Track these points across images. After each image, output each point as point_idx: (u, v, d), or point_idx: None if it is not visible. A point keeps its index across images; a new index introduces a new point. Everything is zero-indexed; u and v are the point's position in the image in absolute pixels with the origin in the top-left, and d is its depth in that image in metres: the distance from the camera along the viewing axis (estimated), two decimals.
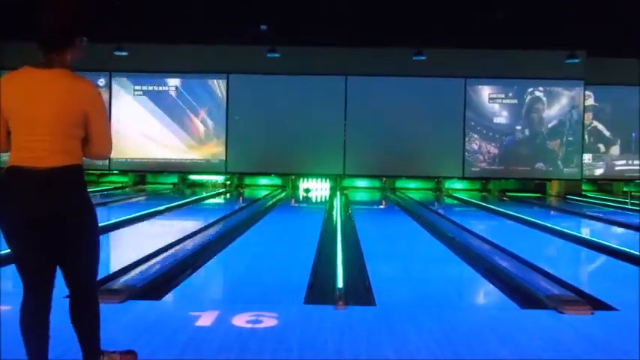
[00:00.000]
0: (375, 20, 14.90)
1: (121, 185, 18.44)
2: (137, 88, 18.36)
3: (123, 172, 18.71)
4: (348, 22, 15.14)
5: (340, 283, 5.56)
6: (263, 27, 15.97)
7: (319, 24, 15.61)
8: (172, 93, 18.43)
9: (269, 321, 4.39)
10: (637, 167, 18.92)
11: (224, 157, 18.37)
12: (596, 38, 16.23)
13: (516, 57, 17.80)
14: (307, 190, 18.40)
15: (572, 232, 9.76)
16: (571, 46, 17.06)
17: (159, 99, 18.43)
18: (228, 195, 17.22)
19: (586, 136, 18.66)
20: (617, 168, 19.00)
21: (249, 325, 4.28)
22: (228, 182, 18.86)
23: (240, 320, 4.38)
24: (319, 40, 16.84)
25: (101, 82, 18.11)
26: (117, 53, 17.41)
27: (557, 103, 18.47)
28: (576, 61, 17.57)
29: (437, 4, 13.63)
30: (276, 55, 17.41)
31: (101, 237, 3.17)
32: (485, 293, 5.93)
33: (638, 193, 17.85)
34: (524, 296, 5.44)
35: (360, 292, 5.53)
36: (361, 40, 16.85)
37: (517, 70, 18.05)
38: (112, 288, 4.99)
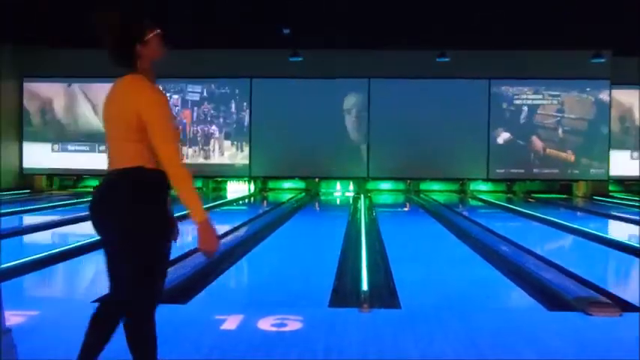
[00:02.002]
0: (397, 22, 14.87)
1: None
2: None
3: None
4: (370, 24, 15.13)
5: (365, 286, 5.54)
6: (286, 31, 16.01)
7: (341, 27, 15.61)
8: (196, 98, 18.55)
9: (294, 324, 4.39)
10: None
11: (248, 162, 18.44)
12: (621, 38, 16.08)
13: (540, 57, 17.64)
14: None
15: (598, 233, 9.64)
16: (596, 45, 16.89)
17: (182, 103, 18.56)
18: (252, 199, 17.28)
19: None
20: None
21: (274, 329, 4.29)
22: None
23: (265, 324, 4.39)
24: (342, 43, 16.85)
25: None
26: None
27: (583, 104, 18.29)
28: (602, 60, 17.40)
29: (459, 5, 13.57)
30: (299, 58, 17.45)
31: None
32: (511, 295, 5.88)
33: None
34: (550, 298, 5.39)
35: (384, 294, 5.51)
36: (384, 43, 16.82)
37: (541, 70, 17.91)
38: None
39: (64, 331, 4.15)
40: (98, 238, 2.87)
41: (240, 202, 16.59)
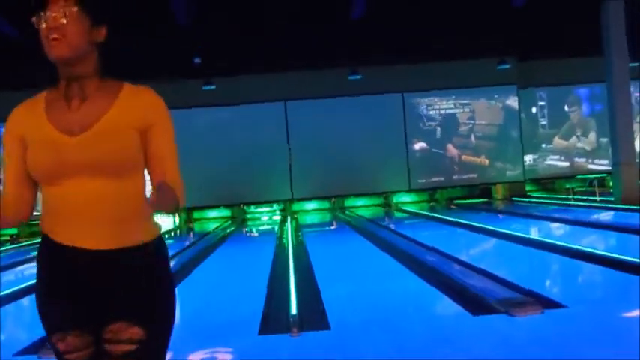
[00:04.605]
0: (308, 43, 15.01)
1: None
2: None
3: None
4: (280, 47, 15.24)
5: (294, 310, 5.54)
6: (197, 60, 15.95)
7: (251, 52, 15.69)
8: None
9: (224, 356, 4.34)
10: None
11: None
12: (526, 42, 16.76)
13: (449, 68, 18.01)
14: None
15: (518, 234, 9.93)
16: (501, 52, 17.48)
17: None
18: (178, 231, 17.04)
19: None
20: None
21: None
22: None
23: (195, 359, 4.32)
24: (253, 67, 16.90)
25: None
26: None
27: (494, 108, 18.86)
28: (507, 66, 18.00)
29: (367, 23, 13.83)
30: (212, 87, 17.37)
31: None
32: (437, 304, 5.97)
33: (580, 189, 18.29)
34: (475, 303, 5.50)
35: (314, 316, 5.51)
36: (296, 64, 16.93)
37: (451, 80, 18.31)
38: None
39: None
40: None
41: (166, 235, 16.32)
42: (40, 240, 2.04)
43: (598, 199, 14.61)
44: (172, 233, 16.78)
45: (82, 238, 1.92)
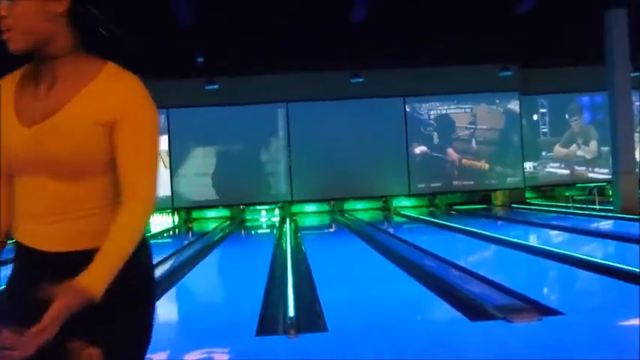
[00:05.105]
0: (310, 45, 15.01)
1: None
2: None
3: None
4: (284, 48, 15.24)
5: (291, 312, 5.53)
6: (200, 59, 15.95)
7: (254, 53, 15.70)
8: None
9: (221, 357, 4.34)
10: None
11: (169, 193, 18.10)
12: (526, 50, 16.78)
13: (451, 73, 18.03)
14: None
15: (517, 241, 9.93)
16: (504, 58, 17.50)
17: None
18: (177, 230, 17.03)
19: None
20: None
21: None
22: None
23: (192, 359, 4.32)
24: (256, 68, 16.91)
25: None
26: None
27: (495, 115, 18.87)
28: (509, 73, 18.01)
29: (370, 27, 13.83)
30: (215, 86, 17.37)
31: None
32: (435, 309, 5.97)
33: (580, 197, 18.27)
34: (473, 308, 5.50)
35: (312, 318, 5.51)
36: (298, 66, 16.93)
37: (453, 85, 18.31)
38: None
39: None
40: None
41: (165, 234, 16.32)
42: None
43: (597, 207, 14.60)
44: (171, 232, 16.79)
45: (41, 241, 1.69)
